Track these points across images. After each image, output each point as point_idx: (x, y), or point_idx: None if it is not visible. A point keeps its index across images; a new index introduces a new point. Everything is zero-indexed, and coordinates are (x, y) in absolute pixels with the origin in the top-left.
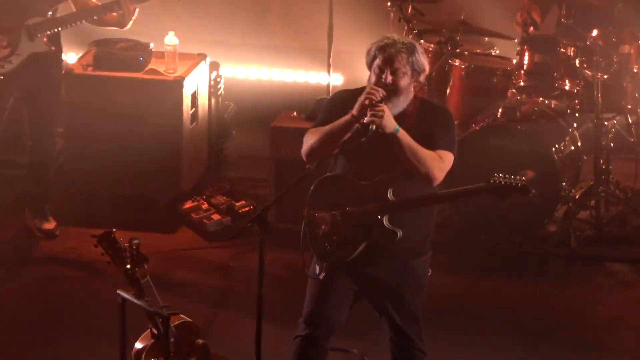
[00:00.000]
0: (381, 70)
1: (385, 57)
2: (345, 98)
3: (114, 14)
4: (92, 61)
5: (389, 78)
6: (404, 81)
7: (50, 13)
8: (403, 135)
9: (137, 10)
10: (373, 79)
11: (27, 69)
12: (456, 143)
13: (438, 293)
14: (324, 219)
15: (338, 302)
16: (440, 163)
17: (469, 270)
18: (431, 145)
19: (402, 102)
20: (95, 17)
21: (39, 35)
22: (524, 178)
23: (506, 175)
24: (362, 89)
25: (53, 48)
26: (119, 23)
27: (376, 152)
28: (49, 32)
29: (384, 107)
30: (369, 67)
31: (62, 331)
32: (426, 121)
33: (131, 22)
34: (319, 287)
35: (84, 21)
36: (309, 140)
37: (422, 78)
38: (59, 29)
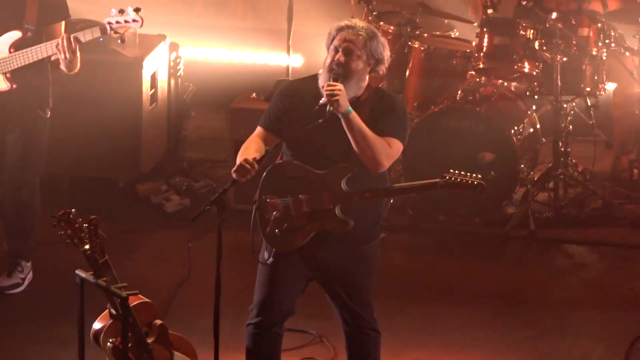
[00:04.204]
0: (336, 50)
1: (342, 38)
2: (293, 89)
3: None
4: None
5: (342, 58)
6: (357, 64)
7: (12, 49)
8: (354, 117)
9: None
10: (328, 60)
11: None
12: (407, 133)
13: (398, 274)
14: (275, 205)
15: (288, 289)
16: (388, 150)
17: (428, 251)
18: (381, 133)
19: (354, 87)
20: (44, 55)
21: (2, 72)
22: (479, 176)
23: (461, 172)
24: (311, 78)
25: (15, 86)
26: (66, 66)
27: (331, 140)
28: (9, 69)
29: (341, 85)
30: (328, 48)
31: (20, 311)
32: (379, 109)
33: (78, 66)
34: (269, 274)
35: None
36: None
37: (381, 70)
38: (17, 66)
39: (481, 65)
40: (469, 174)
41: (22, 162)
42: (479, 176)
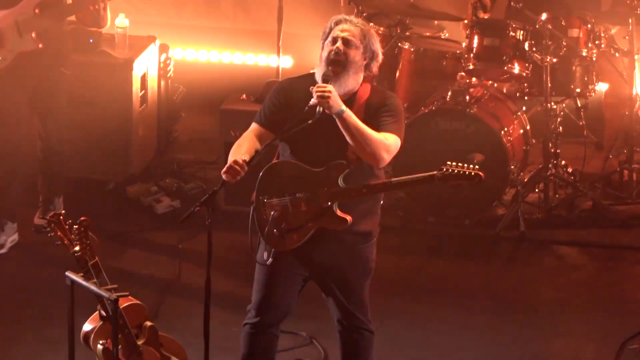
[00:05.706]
0: (334, 41)
1: (341, 29)
2: (289, 86)
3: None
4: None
5: (341, 47)
6: (355, 54)
7: (37, 9)
8: (349, 115)
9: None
10: (325, 52)
11: (19, 68)
12: (404, 129)
13: (387, 275)
14: (273, 205)
15: (286, 289)
16: (386, 144)
17: (418, 253)
18: (378, 129)
19: (351, 79)
20: (71, 13)
21: (27, 32)
22: (477, 167)
23: (458, 164)
24: (307, 76)
25: (41, 46)
26: (94, 20)
27: (326, 138)
28: (36, 29)
29: (331, 87)
30: (323, 43)
31: (10, 313)
32: (374, 105)
33: (108, 20)
34: (267, 274)
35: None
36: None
37: (374, 67)
38: (43, 26)
39: (471, 67)
40: (466, 164)
41: (49, 113)
42: (477, 167)
